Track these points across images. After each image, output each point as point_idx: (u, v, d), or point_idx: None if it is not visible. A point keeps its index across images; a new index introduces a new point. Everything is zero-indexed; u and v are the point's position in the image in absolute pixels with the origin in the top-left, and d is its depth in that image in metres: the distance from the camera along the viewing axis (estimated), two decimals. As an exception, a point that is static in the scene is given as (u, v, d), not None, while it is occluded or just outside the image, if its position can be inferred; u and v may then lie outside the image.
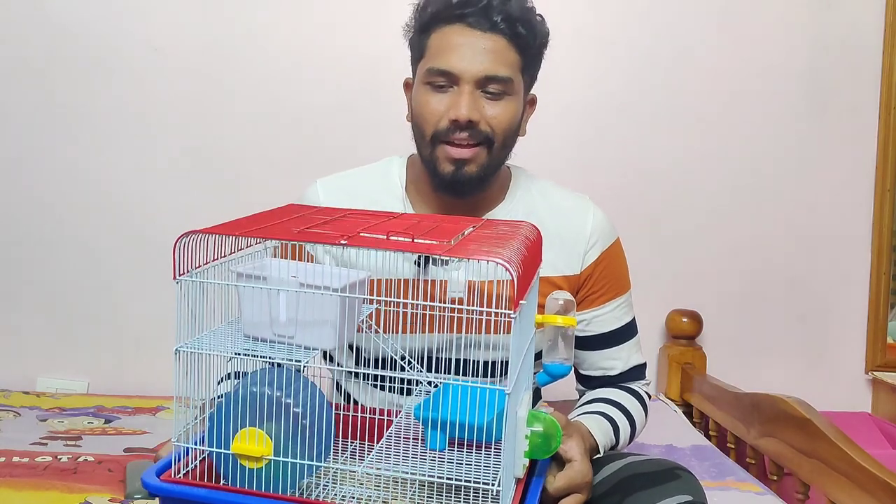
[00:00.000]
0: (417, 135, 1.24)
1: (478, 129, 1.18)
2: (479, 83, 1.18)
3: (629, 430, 1.28)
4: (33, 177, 2.17)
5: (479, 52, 1.17)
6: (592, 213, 1.33)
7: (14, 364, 2.16)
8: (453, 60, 1.17)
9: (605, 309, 1.33)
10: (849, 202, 2.37)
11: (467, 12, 1.17)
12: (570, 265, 1.29)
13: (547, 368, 1.06)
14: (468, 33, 1.18)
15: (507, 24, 1.18)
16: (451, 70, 1.18)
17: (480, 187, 1.24)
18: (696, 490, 1.11)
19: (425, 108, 1.20)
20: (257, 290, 0.91)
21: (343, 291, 0.89)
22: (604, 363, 1.35)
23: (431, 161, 1.22)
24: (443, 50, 1.19)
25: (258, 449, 0.88)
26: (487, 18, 1.17)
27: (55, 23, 2.15)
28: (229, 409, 0.90)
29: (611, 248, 1.34)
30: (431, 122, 1.20)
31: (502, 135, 1.21)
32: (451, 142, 1.19)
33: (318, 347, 0.91)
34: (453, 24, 1.18)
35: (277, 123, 2.22)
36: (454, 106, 1.18)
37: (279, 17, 2.20)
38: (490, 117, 1.19)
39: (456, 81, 1.18)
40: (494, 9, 1.17)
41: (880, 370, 2.37)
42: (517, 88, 1.22)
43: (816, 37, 2.34)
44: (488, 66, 1.17)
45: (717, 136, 2.34)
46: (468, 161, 1.19)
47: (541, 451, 0.98)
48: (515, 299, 0.82)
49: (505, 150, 1.24)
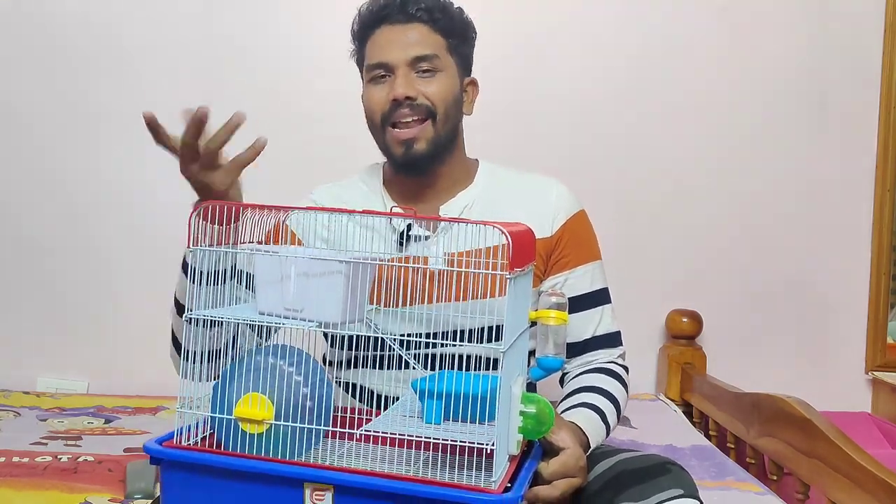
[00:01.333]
0: (371, 129, 1.37)
1: (416, 103, 1.31)
2: (410, 65, 1.32)
3: (615, 413, 1.32)
4: (33, 178, 2.18)
5: (404, 41, 1.32)
6: (555, 187, 1.43)
7: (14, 364, 2.16)
8: (384, 53, 1.33)
9: (577, 272, 1.40)
10: (849, 202, 2.38)
11: (387, 13, 1.34)
12: (542, 229, 1.36)
13: (540, 362, 1.08)
14: (392, 29, 1.34)
15: (425, 13, 1.33)
16: (384, 61, 1.32)
17: (435, 163, 1.36)
18: (687, 483, 1.12)
19: (370, 99, 1.34)
20: (269, 264, 0.95)
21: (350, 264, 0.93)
22: (578, 325, 1.39)
23: (386, 147, 1.35)
24: (375, 48, 1.35)
25: (260, 413, 0.91)
26: (405, 13, 1.33)
27: (54, 19, 2.15)
28: (232, 379, 0.93)
29: (577, 215, 1.42)
30: (377, 109, 1.33)
31: (442, 106, 1.33)
32: (397, 123, 1.32)
33: (326, 321, 0.94)
34: (380, 26, 1.35)
35: (278, 124, 2.21)
36: (392, 88, 1.31)
37: (281, 17, 2.21)
38: (427, 92, 1.32)
39: (391, 70, 1.32)
40: (410, 3, 1.33)
41: (880, 370, 2.37)
42: (446, 64, 1.35)
43: (816, 37, 2.34)
44: (413, 48, 1.32)
45: (717, 136, 2.34)
46: (415, 139, 1.32)
47: (533, 432, 1.01)
48: (511, 262, 0.89)
49: (448, 121, 1.34)
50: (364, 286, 0.97)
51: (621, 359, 1.42)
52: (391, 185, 1.41)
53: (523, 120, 2.20)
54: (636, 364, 1.44)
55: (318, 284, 0.92)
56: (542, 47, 2.28)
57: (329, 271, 0.92)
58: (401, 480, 0.87)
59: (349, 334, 1.26)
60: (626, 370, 1.41)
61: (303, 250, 0.97)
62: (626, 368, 1.41)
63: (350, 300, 0.93)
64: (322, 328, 0.93)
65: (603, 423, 1.27)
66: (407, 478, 0.88)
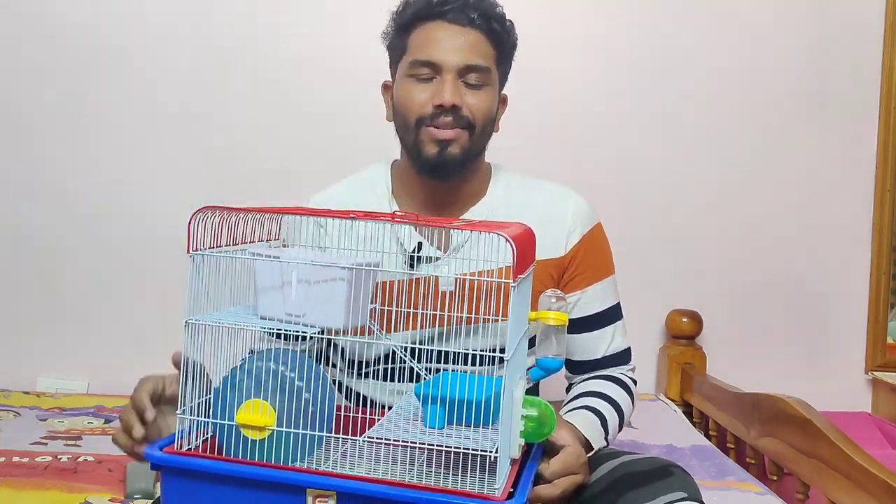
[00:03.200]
0: (401, 126, 1.30)
1: (460, 113, 1.25)
2: (459, 72, 1.25)
3: (617, 419, 1.30)
4: (33, 178, 2.18)
5: (459, 45, 1.25)
6: (573, 199, 1.37)
7: (14, 364, 2.16)
8: (436, 52, 1.25)
9: (589, 291, 1.36)
10: (849, 202, 2.38)
11: (447, 9, 1.26)
12: (555, 248, 1.33)
13: (540, 363, 1.08)
14: (448, 28, 1.26)
15: (483, 21, 1.26)
16: (434, 60, 1.25)
17: (461, 171, 1.30)
18: (691, 487, 1.11)
19: (410, 96, 1.26)
20: (270, 269, 0.94)
21: (353, 270, 0.92)
22: (588, 346, 1.37)
23: (416, 145, 1.27)
24: (425, 43, 1.26)
25: (262, 419, 0.91)
26: (465, 15, 1.25)
27: (54, 21, 2.15)
28: (234, 384, 0.93)
29: (592, 231, 1.37)
30: (415, 108, 1.26)
31: (482, 121, 1.27)
32: (436, 125, 1.25)
33: (328, 326, 0.93)
34: (434, 21, 1.26)
35: (280, 127, 2.22)
36: (438, 93, 1.24)
37: (282, 20, 2.21)
38: (471, 104, 1.26)
39: (439, 71, 1.25)
40: (471, 6, 1.26)
41: (880, 370, 2.37)
42: (494, 79, 1.30)
43: (816, 37, 2.34)
44: (468, 56, 1.25)
45: (716, 136, 2.34)
46: (451, 141, 1.25)
47: (534, 435, 1.01)
48: (516, 270, 0.86)
49: (483, 137, 1.30)
50: (367, 292, 0.96)
51: (631, 372, 1.41)
52: (402, 194, 1.34)
53: (523, 121, 2.19)
54: (636, 364, 1.44)
55: (319, 290, 0.92)
56: (541, 49, 2.28)
57: (331, 277, 0.91)
58: (404, 488, 0.87)
59: (356, 346, 1.24)
60: (635, 383, 1.40)
61: (305, 256, 0.95)
62: (634, 382, 1.40)
63: (352, 306, 0.93)
64: (324, 334, 0.92)
65: (603, 428, 1.26)
66: (410, 485, 0.87)
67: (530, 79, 2.26)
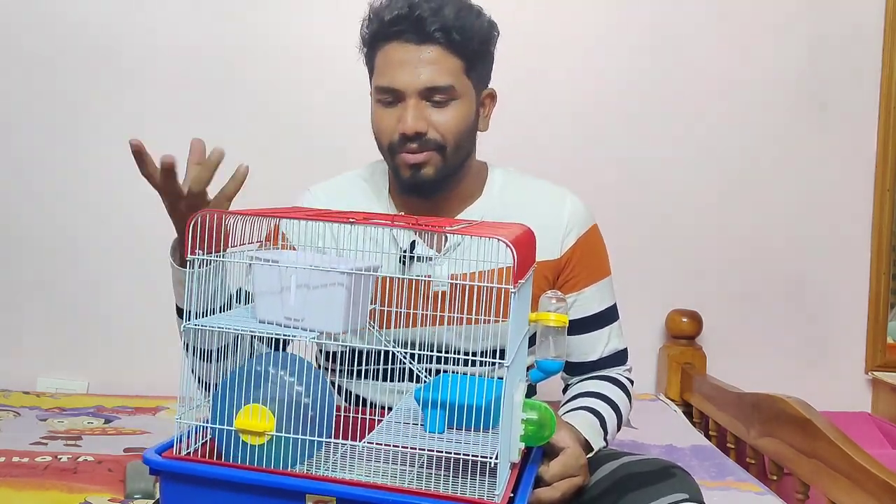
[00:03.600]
0: (379, 146, 1.29)
1: (426, 137, 1.22)
2: (422, 94, 1.22)
3: (615, 419, 1.31)
4: (33, 177, 2.18)
5: (417, 65, 1.21)
6: (569, 200, 1.36)
7: (14, 364, 2.16)
8: (395, 77, 1.22)
9: (586, 293, 1.36)
10: (849, 202, 2.37)
11: (402, 29, 1.21)
12: (550, 250, 1.32)
13: (540, 365, 1.08)
14: (405, 49, 1.22)
15: (442, 33, 1.21)
16: (393, 87, 1.22)
17: (443, 187, 1.28)
18: (692, 488, 1.12)
19: (378, 123, 1.26)
20: (269, 273, 0.93)
21: (352, 275, 0.92)
22: (585, 347, 1.37)
23: (394, 168, 1.27)
24: (385, 68, 1.24)
25: (261, 424, 0.90)
26: (421, 31, 1.21)
27: (54, 21, 2.15)
28: (232, 389, 0.92)
29: (588, 233, 1.37)
30: (385, 136, 1.25)
31: (453, 139, 1.24)
32: (406, 150, 1.23)
33: (328, 331, 0.93)
34: (391, 42, 1.23)
35: (276, 124, 2.22)
36: (402, 120, 1.22)
37: (278, 17, 2.21)
38: (438, 124, 1.23)
39: (401, 97, 1.22)
40: (426, 21, 1.20)
41: (880, 370, 2.37)
42: (462, 92, 1.25)
43: (816, 37, 2.34)
44: (428, 77, 1.21)
45: (716, 136, 2.34)
46: (423, 164, 1.23)
47: (534, 439, 1.01)
48: (515, 275, 0.85)
49: (459, 151, 1.27)
50: (366, 297, 0.95)
51: (628, 373, 1.41)
52: (399, 197, 1.33)
53: (523, 122, 2.19)
54: (636, 364, 1.44)
55: (318, 294, 0.91)
56: (541, 50, 2.28)
57: (330, 282, 0.91)
58: (404, 493, 0.86)
59: (352, 347, 1.24)
60: (632, 383, 1.40)
61: (303, 260, 0.95)
62: (631, 382, 1.40)
63: (351, 310, 0.92)
64: (323, 339, 0.92)
65: (602, 428, 1.26)
66: (410, 491, 0.87)
67: (529, 78, 2.27)
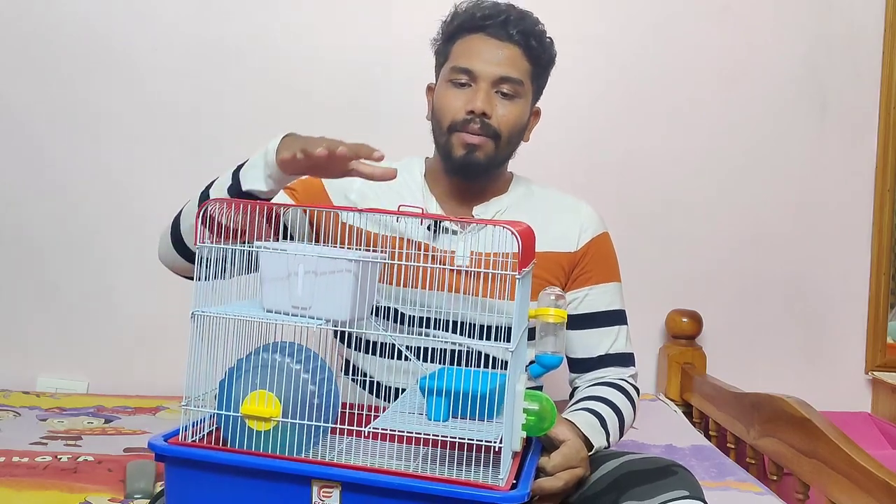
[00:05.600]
0: (436, 126, 1.39)
1: (488, 122, 1.33)
2: (494, 83, 1.34)
3: (617, 422, 1.32)
4: (33, 177, 2.17)
5: (496, 57, 1.34)
6: (584, 205, 1.48)
7: (14, 364, 2.15)
8: (474, 61, 1.34)
9: (597, 290, 1.43)
10: (849, 202, 2.38)
11: (488, 24, 1.35)
12: (568, 243, 1.42)
13: (539, 359, 1.10)
14: (488, 41, 1.35)
15: (522, 37, 1.35)
16: (471, 68, 1.34)
17: (486, 174, 1.39)
18: (693, 486, 1.12)
19: (446, 101, 1.36)
20: (276, 261, 0.95)
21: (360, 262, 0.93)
22: (590, 343, 1.42)
23: (446, 147, 1.36)
24: (465, 53, 1.36)
25: (267, 410, 0.92)
26: (505, 30, 1.35)
27: (60, 20, 2.15)
28: (239, 376, 0.93)
29: (602, 235, 1.47)
30: (449, 113, 1.35)
31: (508, 132, 1.36)
32: (466, 130, 1.33)
33: (334, 319, 0.94)
34: (476, 33, 1.36)
35: (279, 123, 2.21)
36: (471, 100, 1.33)
37: (280, 16, 2.21)
38: (500, 115, 1.34)
39: (475, 79, 1.34)
40: (511, 23, 1.35)
41: (880, 370, 2.37)
42: (526, 92, 1.38)
43: (816, 37, 2.34)
44: (503, 68, 1.34)
45: (717, 136, 2.34)
46: (478, 147, 1.34)
47: (535, 429, 1.02)
48: (520, 262, 0.90)
49: (509, 146, 1.39)
50: (373, 284, 0.97)
51: (633, 378, 1.43)
52: (433, 182, 1.43)
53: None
54: (636, 364, 1.44)
55: (326, 282, 0.93)
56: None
57: (338, 269, 0.92)
58: (409, 478, 0.87)
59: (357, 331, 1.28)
60: (637, 391, 1.42)
61: (311, 249, 0.96)
62: (637, 389, 1.42)
63: (358, 298, 0.93)
64: (330, 326, 0.93)
65: (603, 429, 1.27)
66: (415, 475, 0.88)
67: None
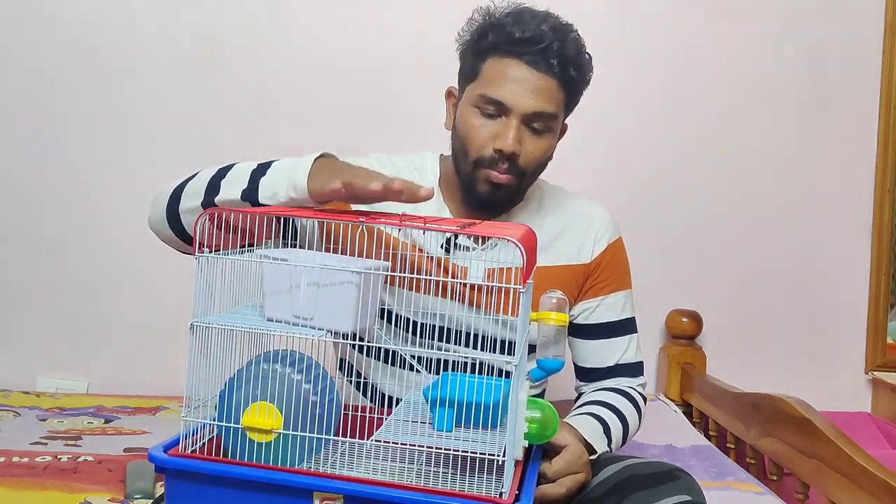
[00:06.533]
0: (459, 151, 1.28)
1: (516, 161, 1.24)
2: (525, 118, 1.23)
3: (620, 427, 1.31)
4: (32, 176, 2.17)
5: (532, 90, 1.22)
6: (600, 210, 1.43)
7: (14, 364, 2.15)
8: (507, 93, 1.22)
9: (610, 299, 1.40)
10: (849, 202, 2.38)
11: (527, 50, 1.22)
12: (581, 254, 1.37)
13: (540, 364, 1.10)
14: (524, 70, 1.22)
15: (561, 68, 1.23)
16: (503, 101, 1.22)
17: (508, 207, 1.34)
18: (695, 490, 1.12)
19: (472, 131, 1.25)
20: (279, 271, 0.93)
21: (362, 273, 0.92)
22: (601, 353, 1.39)
23: (470, 180, 1.27)
24: (497, 79, 1.23)
25: (268, 422, 0.90)
26: (545, 60, 1.22)
27: (52, 21, 2.15)
28: (239, 386, 0.92)
29: (616, 242, 1.43)
30: (476, 146, 1.24)
31: (532, 169, 1.28)
32: (492, 168, 1.24)
33: (337, 330, 0.93)
34: (511, 58, 1.23)
35: (278, 124, 2.22)
36: (501, 136, 1.23)
37: (282, 16, 2.20)
38: (528, 151, 1.25)
39: (506, 112, 1.23)
40: (552, 52, 1.22)
41: (880, 370, 2.37)
42: (556, 125, 1.28)
43: (817, 38, 2.34)
44: (538, 103, 1.22)
45: (717, 136, 2.34)
46: (503, 186, 1.25)
47: (537, 437, 1.02)
48: (524, 274, 0.88)
49: (533, 178, 1.32)
50: (376, 295, 0.96)
51: (641, 388, 1.42)
52: (448, 190, 1.35)
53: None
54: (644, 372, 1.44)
55: (329, 293, 0.91)
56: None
57: (340, 280, 0.91)
58: (412, 491, 0.87)
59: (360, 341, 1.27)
60: (645, 400, 1.41)
61: (313, 259, 0.95)
62: (644, 398, 1.41)
63: (361, 309, 0.92)
64: (333, 338, 0.92)
65: (605, 435, 1.27)
66: (419, 488, 0.87)
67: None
